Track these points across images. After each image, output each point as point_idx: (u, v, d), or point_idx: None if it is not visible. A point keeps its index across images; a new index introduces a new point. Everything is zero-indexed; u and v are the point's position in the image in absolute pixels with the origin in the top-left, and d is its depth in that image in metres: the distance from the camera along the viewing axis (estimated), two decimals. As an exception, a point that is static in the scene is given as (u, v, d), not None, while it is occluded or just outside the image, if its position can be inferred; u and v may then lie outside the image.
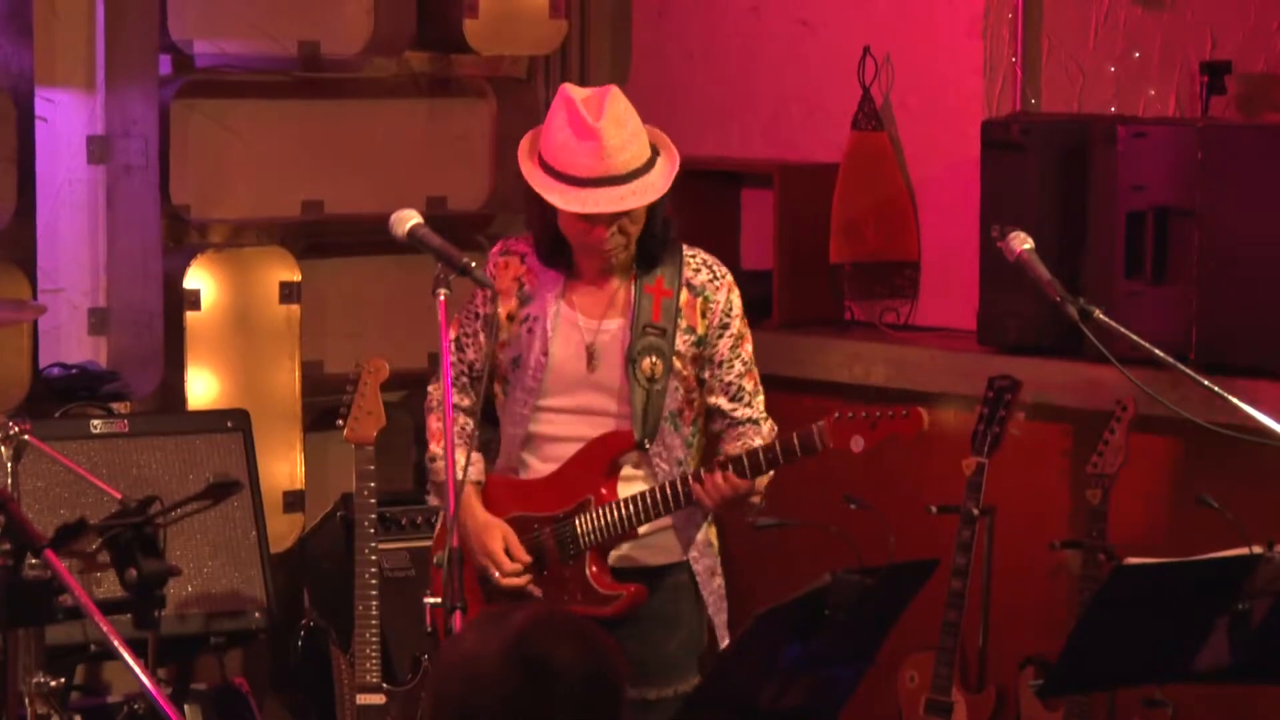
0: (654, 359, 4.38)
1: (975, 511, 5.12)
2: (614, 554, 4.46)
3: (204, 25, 5.90)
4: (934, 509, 5.27)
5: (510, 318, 4.42)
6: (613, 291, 4.43)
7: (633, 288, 4.42)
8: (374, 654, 5.27)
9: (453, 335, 4.50)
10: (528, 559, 4.42)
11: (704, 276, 4.47)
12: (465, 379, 4.52)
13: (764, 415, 4.52)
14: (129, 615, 4.08)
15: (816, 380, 5.65)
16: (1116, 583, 3.92)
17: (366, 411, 5.31)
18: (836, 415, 4.36)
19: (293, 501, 5.85)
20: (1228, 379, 4.50)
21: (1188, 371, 4.18)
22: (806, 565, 4.49)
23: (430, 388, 4.61)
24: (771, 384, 4.67)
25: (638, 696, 4.35)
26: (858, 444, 4.36)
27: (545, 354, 4.40)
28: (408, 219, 4.33)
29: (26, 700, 4.73)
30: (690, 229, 6.31)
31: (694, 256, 4.48)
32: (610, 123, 4.25)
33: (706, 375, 4.47)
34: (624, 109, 4.30)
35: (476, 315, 4.49)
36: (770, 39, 6.29)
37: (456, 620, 4.01)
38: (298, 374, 5.87)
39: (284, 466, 5.84)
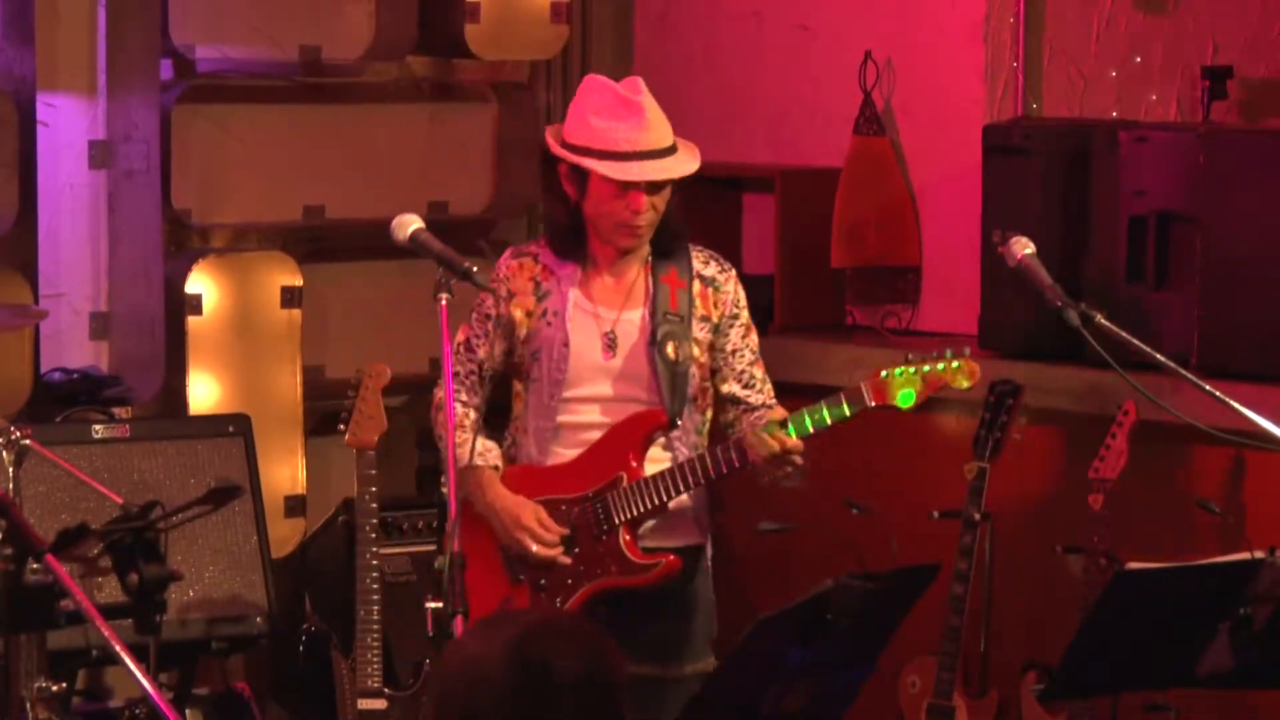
0: (676, 343, 4.49)
1: (977, 516, 5.11)
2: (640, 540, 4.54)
3: (205, 30, 5.88)
4: (936, 514, 5.27)
5: (529, 314, 4.52)
6: (630, 282, 4.55)
7: (649, 277, 4.54)
8: (375, 659, 5.26)
9: (461, 338, 4.57)
10: (564, 531, 4.50)
11: (712, 269, 4.62)
12: (474, 378, 4.58)
13: (775, 402, 4.61)
14: (130, 620, 4.04)
15: (818, 385, 5.52)
16: (1118, 588, 3.91)
17: (368, 416, 5.30)
18: (884, 372, 4.42)
19: (294, 506, 5.84)
20: (1229, 383, 4.48)
21: (1189, 376, 4.18)
22: (809, 570, 4.56)
23: (436, 390, 4.63)
24: (773, 389, 4.68)
25: (659, 675, 4.43)
26: (906, 397, 4.42)
27: (566, 345, 4.50)
28: (409, 223, 4.34)
29: (28, 705, 4.72)
30: (692, 233, 6.34)
31: (700, 251, 4.63)
32: (648, 101, 4.47)
33: (720, 364, 4.58)
34: (650, 95, 4.51)
35: (488, 316, 4.56)
36: (771, 44, 6.29)
37: (458, 625, 4.03)
38: (299, 379, 5.85)
39: (285, 471, 5.83)
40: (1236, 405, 4.07)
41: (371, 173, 6.18)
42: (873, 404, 4.43)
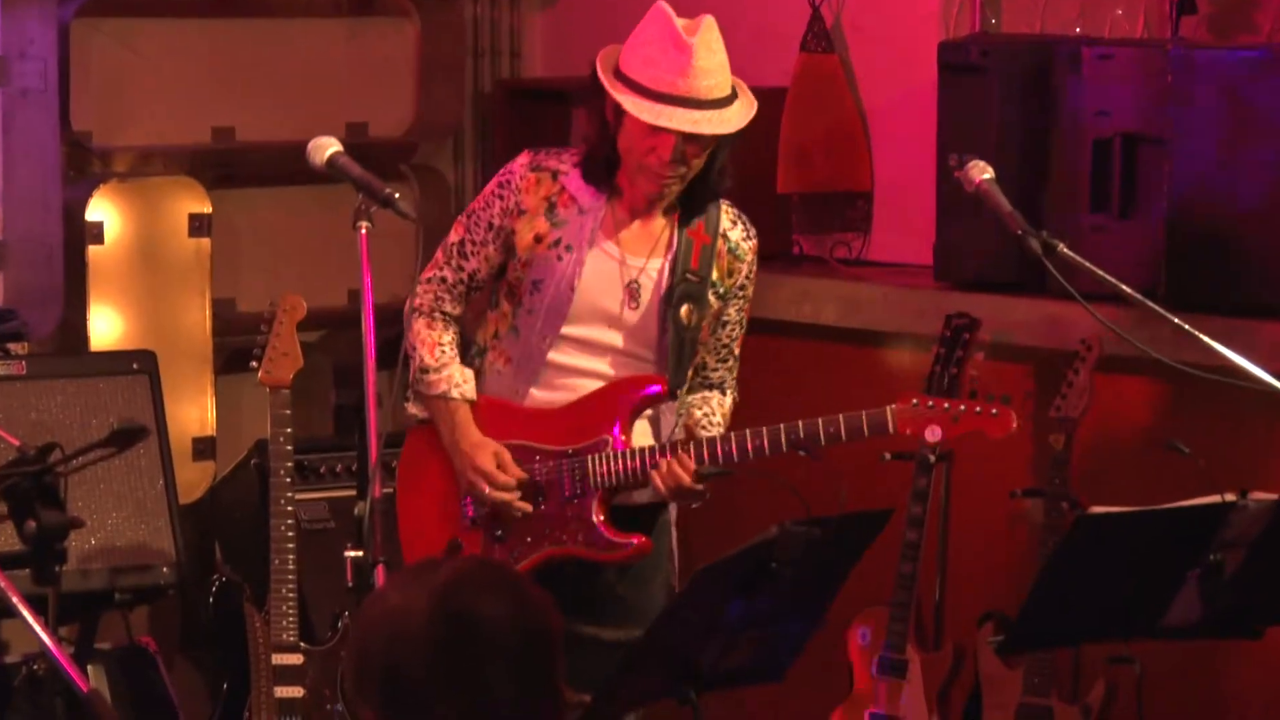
0: (691, 306, 4.40)
1: (931, 458, 5.07)
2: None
3: (106, -61, 5.98)
4: (887, 455, 5.22)
5: (538, 239, 4.39)
6: (657, 231, 4.43)
7: (675, 229, 4.43)
8: (291, 611, 5.23)
9: (454, 239, 4.48)
10: (521, 475, 4.40)
11: (739, 233, 4.50)
12: (462, 288, 4.48)
13: (734, 385, 4.56)
14: (28, 570, 4.03)
15: (764, 319, 5.52)
16: (1080, 533, 3.86)
17: (282, 353, 5.27)
18: (915, 401, 4.37)
19: (203, 449, 5.83)
20: (1199, 316, 4.44)
21: (1156, 308, 4.14)
22: (752, 516, 4.48)
23: (410, 297, 4.52)
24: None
25: (624, 638, 4.34)
26: (934, 434, 4.37)
27: (572, 289, 4.38)
28: (326, 147, 4.25)
29: (-80, 661, 4.68)
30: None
31: (730, 207, 4.51)
32: (703, 44, 4.28)
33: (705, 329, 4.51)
34: (717, 39, 4.32)
35: (490, 225, 4.43)
36: (714, -43, 6.19)
37: (379, 575, 3.96)
38: (208, 312, 5.84)
39: (194, 411, 5.81)
40: (1206, 339, 4.03)
41: (286, 92, 6.17)
42: (897, 432, 4.36)
